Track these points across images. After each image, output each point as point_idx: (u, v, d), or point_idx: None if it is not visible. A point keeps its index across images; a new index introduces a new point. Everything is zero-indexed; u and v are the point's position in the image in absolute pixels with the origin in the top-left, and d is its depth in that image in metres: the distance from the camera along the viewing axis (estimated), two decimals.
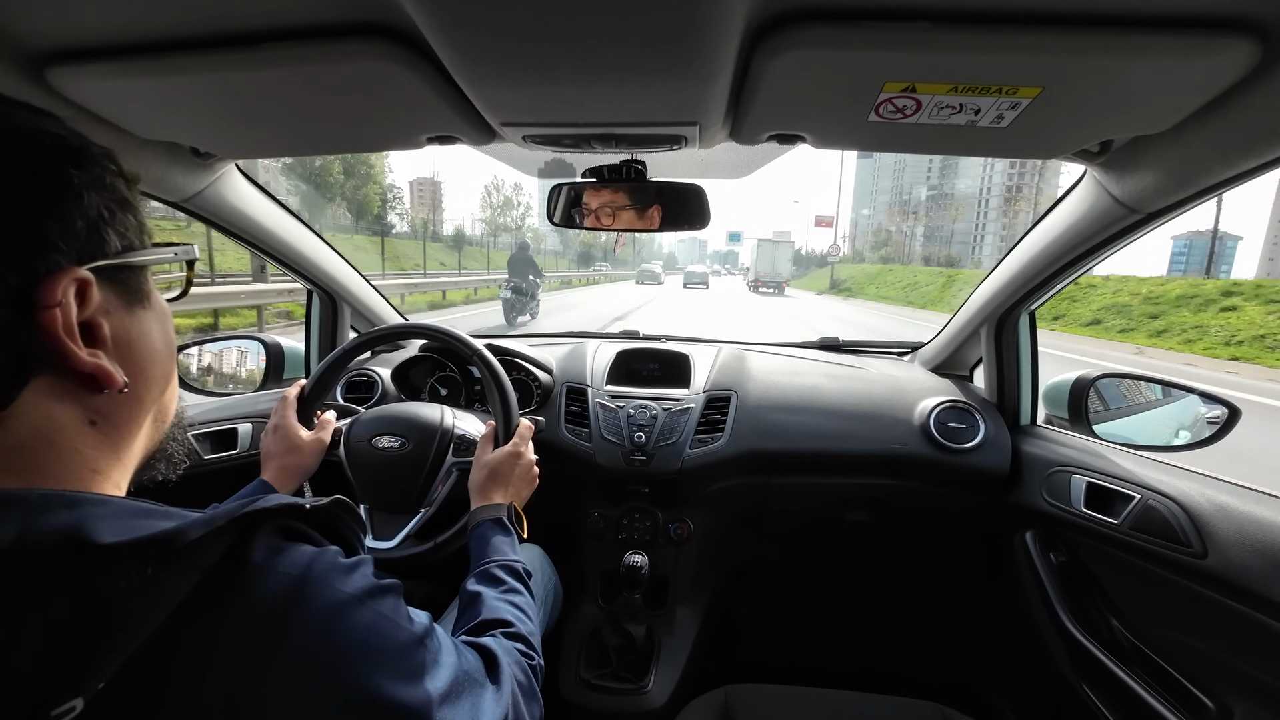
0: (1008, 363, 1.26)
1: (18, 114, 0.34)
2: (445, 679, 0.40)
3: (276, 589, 0.32)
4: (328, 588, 0.34)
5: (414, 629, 0.40)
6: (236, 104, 0.70)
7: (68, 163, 0.34)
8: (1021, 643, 1.22)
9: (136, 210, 0.39)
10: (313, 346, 1.45)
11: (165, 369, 0.41)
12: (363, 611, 0.35)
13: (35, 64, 0.62)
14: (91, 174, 0.35)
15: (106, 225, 0.35)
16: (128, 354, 0.37)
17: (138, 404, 0.39)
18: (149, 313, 0.40)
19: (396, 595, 0.39)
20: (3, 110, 0.33)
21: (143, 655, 0.27)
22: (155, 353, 0.40)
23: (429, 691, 0.38)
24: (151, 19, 0.56)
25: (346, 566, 0.36)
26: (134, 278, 0.38)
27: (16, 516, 0.28)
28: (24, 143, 0.32)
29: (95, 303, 0.34)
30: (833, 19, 0.53)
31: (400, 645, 0.37)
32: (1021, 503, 1.17)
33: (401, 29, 0.56)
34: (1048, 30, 0.52)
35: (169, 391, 0.43)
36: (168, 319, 0.43)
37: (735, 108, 0.70)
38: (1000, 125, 0.66)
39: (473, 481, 0.88)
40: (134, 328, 0.38)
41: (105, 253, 0.35)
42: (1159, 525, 0.90)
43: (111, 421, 0.37)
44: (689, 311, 16.23)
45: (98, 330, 0.35)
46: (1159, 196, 0.77)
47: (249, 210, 1.09)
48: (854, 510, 1.35)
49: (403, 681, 0.36)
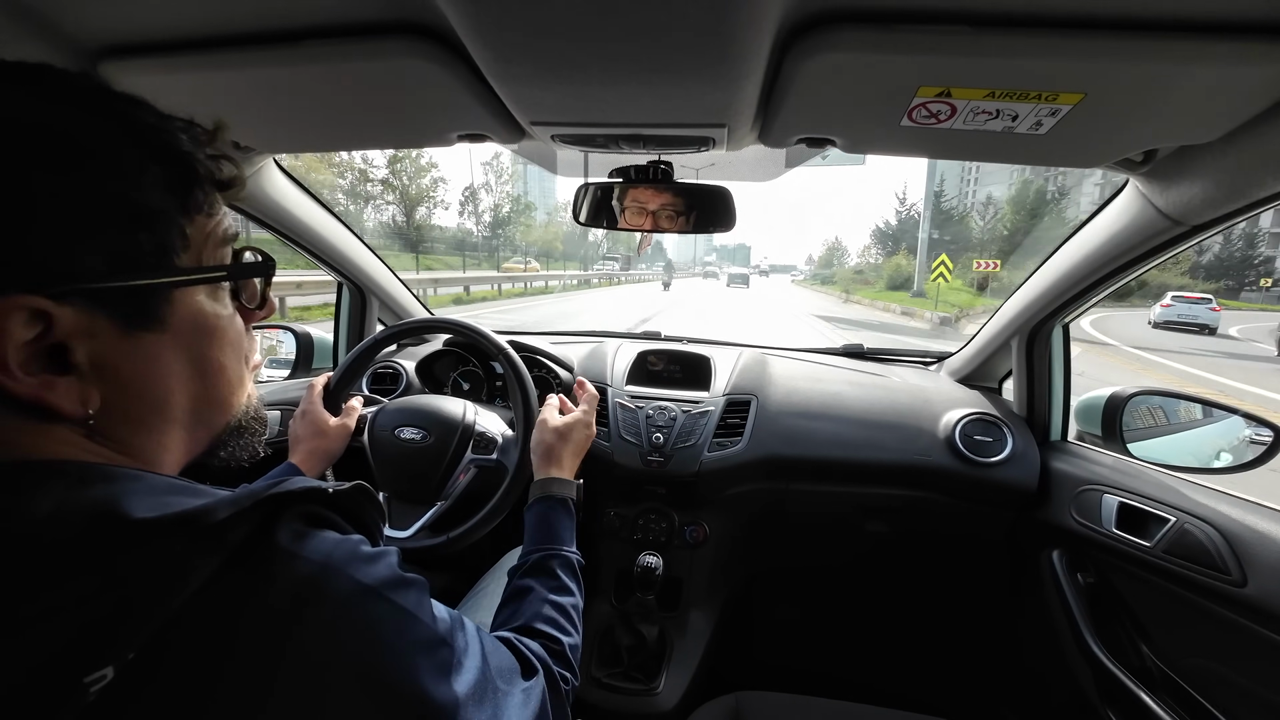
0: (1039, 376, 1.22)
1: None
2: (469, 681, 0.39)
3: (299, 573, 0.32)
4: (348, 576, 0.34)
5: (437, 626, 0.38)
6: (276, 99, 0.72)
7: (38, 166, 0.29)
8: (1044, 664, 1.18)
9: (160, 226, 0.34)
10: (341, 337, 1.49)
11: (195, 389, 0.38)
12: (382, 603, 0.35)
13: (89, 58, 0.64)
14: (72, 180, 0.30)
15: (84, 244, 0.31)
16: (113, 379, 0.33)
17: (137, 424, 0.36)
18: (161, 336, 0.35)
19: (420, 590, 0.38)
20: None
21: (169, 628, 0.28)
22: (161, 377, 0.36)
23: (453, 692, 0.37)
24: (200, 15, 0.58)
25: (369, 556, 0.36)
26: (136, 302, 0.34)
27: (55, 488, 0.29)
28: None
29: (67, 326, 0.31)
30: (868, 21, 0.52)
31: (421, 641, 0.36)
32: (1049, 520, 1.13)
33: (436, 27, 0.57)
34: (1092, 35, 0.50)
35: (212, 407, 0.40)
36: (209, 338, 0.39)
37: (765, 110, 0.69)
38: (1038, 132, 0.64)
39: (539, 444, 0.84)
40: (130, 352, 0.34)
41: (80, 276, 0.31)
42: (1195, 550, 0.86)
43: (113, 435, 0.35)
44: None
45: (68, 355, 0.31)
46: (1206, 209, 0.74)
47: (285, 203, 1.12)
48: (873, 520, 1.33)
49: (422, 678, 0.35)
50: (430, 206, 28.05)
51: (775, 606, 1.57)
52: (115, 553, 0.28)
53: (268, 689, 0.30)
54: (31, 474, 0.29)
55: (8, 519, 0.28)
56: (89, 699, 0.26)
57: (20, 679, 0.25)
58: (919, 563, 1.44)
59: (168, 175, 0.34)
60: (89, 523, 0.28)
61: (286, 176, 1.11)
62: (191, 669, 0.28)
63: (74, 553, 0.28)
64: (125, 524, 0.29)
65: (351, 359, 1.03)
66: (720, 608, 1.34)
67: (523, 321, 10.79)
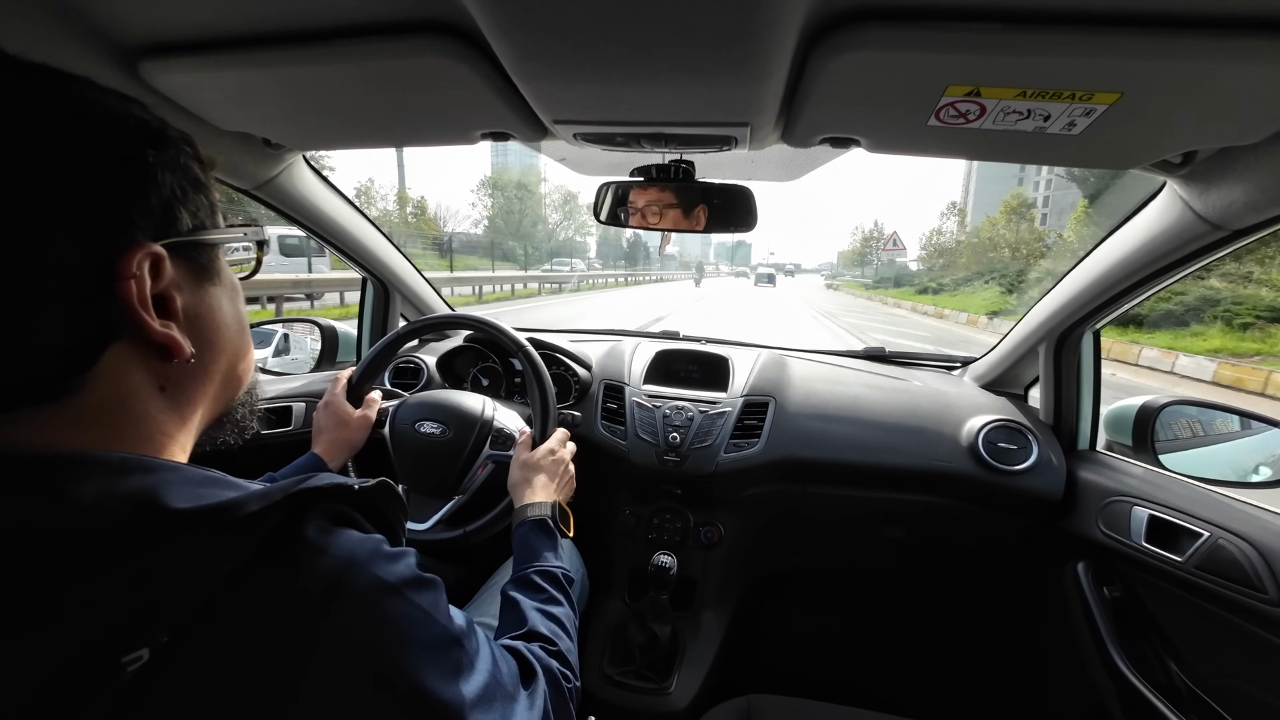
0: (1067, 383, 1.19)
1: (107, 99, 0.35)
2: (479, 683, 0.40)
3: (324, 566, 0.34)
4: (370, 573, 0.35)
5: (451, 627, 0.40)
6: (306, 97, 0.74)
7: (148, 144, 0.36)
8: (1065, 678, 1.15)
9: (209, 192, 0.40)
10: (365, 331, 1.52)
11: (234, 342, 0.43)
12: (401, 600, 0.36)
13: (130, 57, 0.66)
14: (167, 155, 0.37)
15: (179, 204, 0.37)
16: (196, 326, 0.39)
17: (204, 374, 0.40)
18: (219, 289, 0.41)
19: (437, 591, 0.40)
20: (93, 95, 0.35)
21: (202, 613, 0.30)
22: (224, 326, 0.42)
23: (462, 693, 0.38)
24: (236, 14, 0.60)
25: (390, 554, 0.37)
26: (205, 255, 0.40)
27: (97, 479, 0.31)
28: (111, 126, 0.34)
29: (168, 277, 0.36)
30: (895, 19, 0.51)
31: (435, 640, 0.38)
32: (1075, 531, 1.10)
33: (462, 26, 0.58)
34: (1130, 32, 0.49)
35: (241, 363, 0.44)
36: (238, 295, 0.44)
37: (788, 109, 0.69)
38: (1071, 133, 0.62)
39: (512, 480, 0.89)
40: (203, 302, 0.40)
41: (178, 230, 0.37)
42: (1228, 566, 0.83)
43: (179, 388, 0.39)
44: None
45: (170, 303, 0.36)
46: (1248, 213, 0.71)
47: (313, 199, 1.14)
48: (891, 526, 1.31)
49: (435, 676, 0.37)
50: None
51: (789, 610, 1.56)
52: (153, 541, 0.30)
53: (291, 676, 0.31)
54: (75, 464, 0.31)
55: (53, 507, 0.29)
56: (126, 677, 0.27)
57: (61, 659, 0.27)
58: (937, 570, 1.42)
59: (197, 156, 0.41)
60: (130, 512, 0.30)
61: (315, 173, 1.14)
62: (221, 652, 0.30)
63: (115, 541, 0.29)
64: (164, 514, 0.30)
65: (374, 354, 1.05)
66: (733, 609, 1.33)
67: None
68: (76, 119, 0.33)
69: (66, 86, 0.34)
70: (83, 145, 0.33)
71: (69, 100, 0.33)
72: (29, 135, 0.31)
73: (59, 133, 0.32)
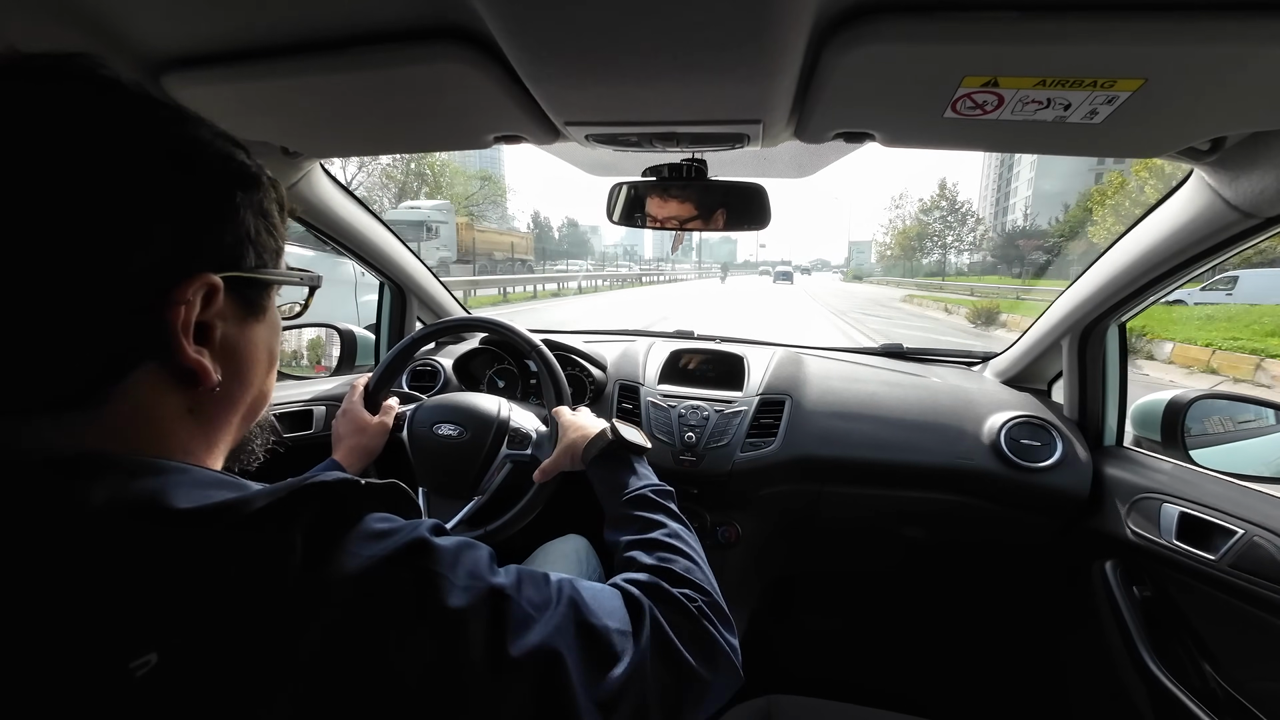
0: (1092, 378, 1.16)
1: (215, 141, 0.37)
2: (541, 632, 0.39)
3: (333, 561, 0.33)
4: (381, 559, 0.35)
5: (491, 580, 0.39)
6: (323, 105, 0.75)
7: (238, 186, 0.38)
8: (1095, 682, 1.13)
9: (279, 235, 0.43)
10: (383, 335, 1.54)
11: (263, 377, 0.44)
12: (412, 570, 0.35)
13: (153, 72, 0.68)
14: (254, 198, 0.39)
15: (250, 244, 0.39)
16: (231, 358, 0.40)
17: (230, 403, 0.41)
18: (261, 326, 0.43)
19: (456, 548, 0.39)
20: (202, 136, 0.37)
21: (211, 614, 0.29)
22: (257, 362, 0.43)
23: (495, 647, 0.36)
24: (255, 27, 0.61)
25: (378, 532, 0.36)
26: (257, 293, 0.41)
27: (110, 479, 0.31)
28: (209, 166, 0.37)
29: (217, 307, 0.37)
30: (909, 10, 0.50)
31: (482, 594, 0.37)
32: (1102, 529, 1.08)
33: (474, 31, 0.58)
34: (1153, 16, 0.47)
35: (262, 396, 0.45)
36: (276, 333, 0.46)
37: (801, 105, 0.68)
38: (1093, 121, 0.61)
39: (565, 442, 0.86)
40: (243, 336, 0.41)
41: (240, 266, 0.38)
42: (1265, 565, 0.81)
43: (206, 413, 0.40)
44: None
45: (210, 331, 0.38)
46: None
47: (330, 205, 1.16)
48: (910, 526, 1.29)
49: (473, 632, 0.36)
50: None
51: (807, 611, 1.55)
52: (158, 542, 0.30)
53: (303, 672, 0.30)
54: (90, 465, 0.31)
55: (64, 510, 0.30)
56: (134, 682, 0.27)
57: (67, 665, 0.27)
58: (958, 571, 1.39)
59: (280, 200, 0.43)
60: (136, 513, 0.30)
61: (332, 180, 1.15)
62: (233, 653, 0.29)
63: (120, 542, 0.30)
64: (168, 514, 0.31)
65: (390, 359, 1.06)
66: (752, 609, 1.32)
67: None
68: (178, 156, 0.35)
69: (180, 126, 0.36)
70: (179, 180, 0.35)
71: (177, 140, 0.35)
72: (132, 164, 0.33)
73: (159, 166, 0.34)
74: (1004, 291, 21.95)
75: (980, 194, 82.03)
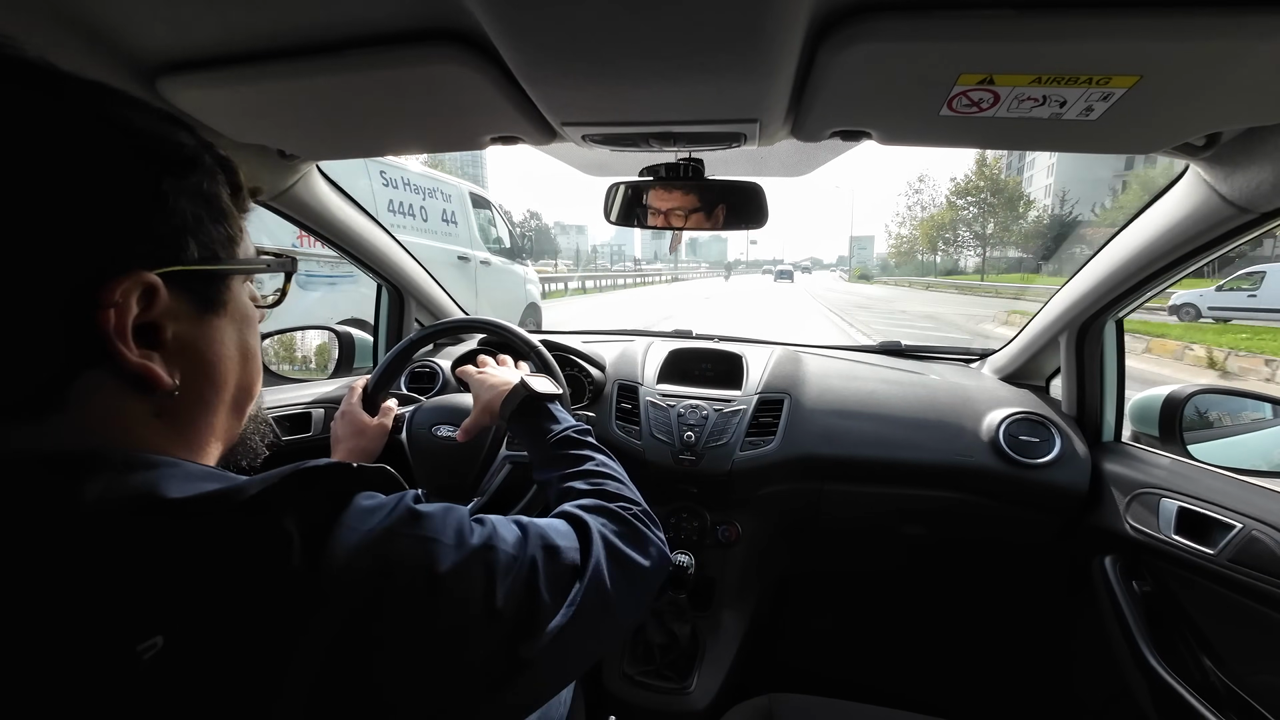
0: (1089, 374, 1.16)
1: (139, 119, 0.34)
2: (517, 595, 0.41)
3: (327, 541, 0.33)
4: (380, 530, 0.36)
5: (469, 540, 0.40)
6: (320, 108, 0.75)
7: (165, 171, 0.34)
8: (1096, 677, 1.13)
9: (230, 221, 0.39)
10: (381, 337, 1.53)
11: (239, 373, 0.42)
12: (402, 539, 0.36)
13: (148, 75, 0.68)
14: (189, 183, 0.35)
15: (189, 234, 0.36)
16: (190, 358, 0.37)
17: (202, 404, 0.39)
18: (223, 320, 0.40)
19: (442, 512, 0.40)
20: (124, 113, 0.34)
21: (212, 597, 0.30)
22: (224, 359, 0.40)
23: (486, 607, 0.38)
24: (251, 30, 0.61)
25: (369, 508, 0.37)
26: (210, 286, 0.38)
27: (103, 474, 0.31)
28: (127, 150, 0.33)
29: (162, 305, 0.34)
30: (905, 9, 0.50)
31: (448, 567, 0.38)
32: (1101, 525, 1.08)
33: (470, 33, 0.58)
34: (1148, 13, 0.47)
35: (247, 391, 0.44)
36: (248, 325, 0.43)
37: (798, 103, 0.68)
38: (1089, 118, 0.61)
39: (484, 403, 0.85)
40: (202, 334, 0.38)
41: (182, 260, 0.35)
42: (1265, 559, 0.81)
43: (176, 416, 0.37)
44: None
45: (160, 333, 0.35)
46: (1277, 195, 0.69)
47: (327, 208, 1.16)
48: (910, 523, 1.29)
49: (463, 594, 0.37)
50: None
51: (808, 610, 1.55)
52: (156, 531, 0.30)
53: (309, 646, 0.31)
54: (82, 462, 0.31)
55: (61, 504, 0.30)
56: (142, 664, 0.28)
57: (76, 651, 0.27)
58: (958, 568, 1.39)
59: (230, 180, 0.40)
60: (132, 505, 0.31)
61: (329, 183, 1.15)
62: (238, 634, 0.30)
63: (118, 534, 0.30)
64: (163, 504, 0.31)
65: (387, 361, 1.06)
66: (753, 608, 1.32)
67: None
68: (88, 140, 0.32)
69: (99, 105, 0.33)
70: (89, 169, 0.32)
71: (87, 123, 0.32)
72: (27, 153, 0.30)
73: (63, 155, 0.31)
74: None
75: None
